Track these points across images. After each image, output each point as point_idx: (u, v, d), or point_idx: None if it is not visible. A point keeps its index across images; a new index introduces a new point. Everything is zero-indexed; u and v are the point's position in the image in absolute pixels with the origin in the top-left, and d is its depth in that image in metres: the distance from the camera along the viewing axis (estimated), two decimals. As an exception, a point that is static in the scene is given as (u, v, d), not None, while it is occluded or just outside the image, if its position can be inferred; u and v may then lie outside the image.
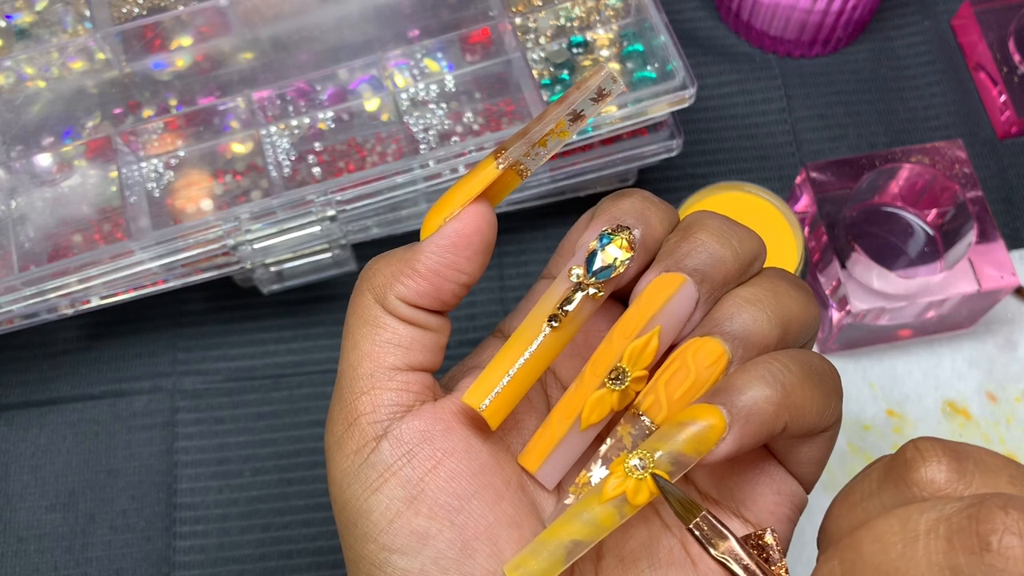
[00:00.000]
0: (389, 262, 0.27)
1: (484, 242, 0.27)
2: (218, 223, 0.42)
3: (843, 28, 0.52)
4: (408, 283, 0.26)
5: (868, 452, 0.45)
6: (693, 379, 0.25)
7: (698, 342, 0.26)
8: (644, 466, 0.24)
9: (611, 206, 0.28)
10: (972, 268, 0.43)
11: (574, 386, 0.27)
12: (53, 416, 0.47)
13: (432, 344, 0.27)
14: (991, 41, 0.52)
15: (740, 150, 0.52)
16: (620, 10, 0.46)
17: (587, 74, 0.27)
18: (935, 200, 0.45)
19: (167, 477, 0.46)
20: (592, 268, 0.26)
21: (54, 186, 0.44)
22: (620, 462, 0.24)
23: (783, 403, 0.24)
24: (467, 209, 0.26)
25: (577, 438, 0.27)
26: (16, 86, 0.46)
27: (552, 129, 0.26)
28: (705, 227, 0.27)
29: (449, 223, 0.26)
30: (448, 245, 0.26)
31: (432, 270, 0.26)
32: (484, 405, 0.26)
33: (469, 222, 0.26)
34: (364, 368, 0.27)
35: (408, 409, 0.26)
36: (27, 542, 0.45)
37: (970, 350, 0.47)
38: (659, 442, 0.24)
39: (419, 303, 0.27)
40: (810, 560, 0.43)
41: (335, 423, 0.27)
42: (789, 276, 0.28)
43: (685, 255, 0.26)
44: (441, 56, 0.46)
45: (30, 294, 0.42)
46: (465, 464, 0.26)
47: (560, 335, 0.26)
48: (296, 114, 0.45)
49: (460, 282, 0.27)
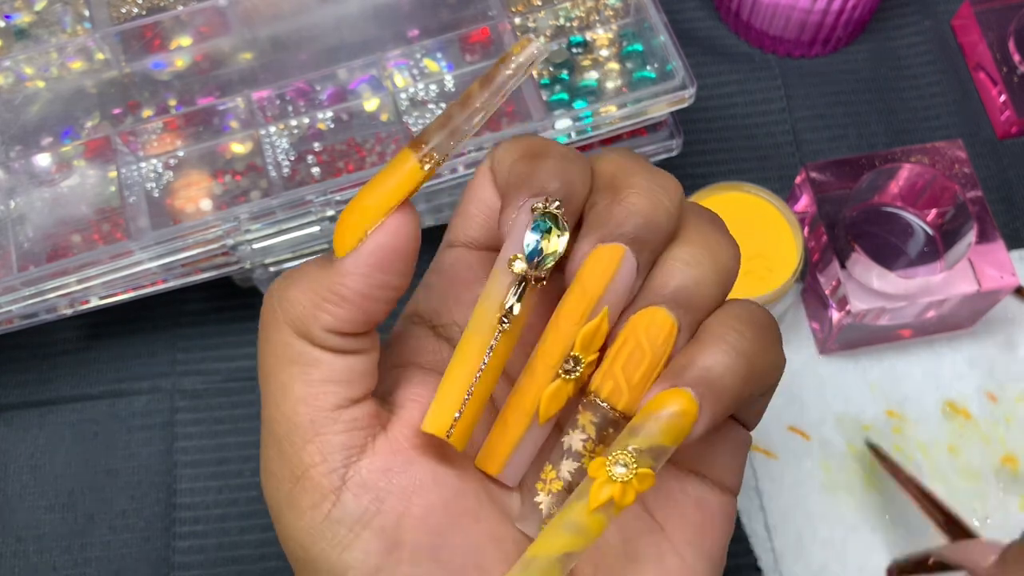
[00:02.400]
0: (307, 288, 0.24)
1: (413, 251, 0.24)
2: (217, 223, 0.42)
3: (843, 28, 0.52)
4: (335, 312, 0.23)
5: (868, 452, 0.45)
6: (649, 358, 0.24)
7: (647, 317, 0.24)
8: (628, 467, 0.23)
9: (529, 171, 0.25)
10: (972, 268, 0.43)
11: (525, 379, 0.25)
12: (52, 416, 0.47)
13: (369, 367, 0.25)
14: (991, 41, 0.52)
15: (740, 150, 0.52)
16: (619, 10, 0.46)
17: (513, 48, 0.24)
18: (935, 200, 0.45)
19: (166, 477, 0.46)
20: (533, 257, 0.24)
21: (53, 186, 0.44)
22: (600, 465, 0.23)
23: (747, 373, 0.23)
24: (392, 218, 0.23)
25: (536, 433, 0.25)
26: (15, 86, 0.46)
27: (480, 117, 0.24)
28: (633, 186, 0.24)
29: (373, 236, 0.23)
30: (375, 263, 0.23)
31: (360, 294, 0.23)
32: (450, 432, 0.24)
33: (396, 233, 0.23)
34: (302, 415, 0.24)
35: (362, 449, 0.24)
36: (26, 542, 0.45)
37: (970, 350, 0.47)
38: (634, 438, 0.23)
39: (350, 330, 0.24)
40: (810, 561, 0.43)
41: (278, 479, 0.24)
42: (714, 220, 0.26)
43: (619, 223, 0.24)
44: (440, 56, 0.46)
45: (29, 294, 0.42)
46: (436, 495, 0.24)
47: (512, 334, 0.24)
48: (295, 114, 0.45)
49: (391, 299, 0.24)
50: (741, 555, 0.43)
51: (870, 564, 0.43)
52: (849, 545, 0.43)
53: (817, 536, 0.43)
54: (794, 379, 0.46)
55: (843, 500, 0.44)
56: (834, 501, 0.44)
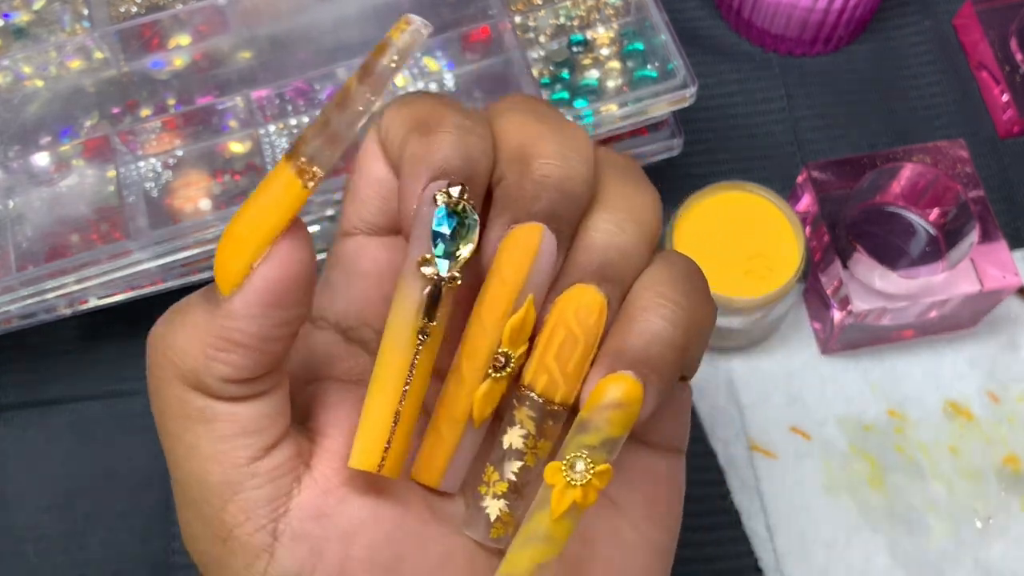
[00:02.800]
0: (193, 336, 0.21)
1: (310, 276, 0.21)
2: (217, 223, 0.42)
3: (844, 27, 0.52)
4: (231, 360, 0.20)
5: (869, 453, 0.45)
6: (583, 344, 0.22)
7: (575, 298, 0.22)
8: (586, 467, 0.21)
9: (424, 147, 0.22)
10: (974, 268, 0.43)
11: (452, 384, 0.22)
12: (51, 417, 0.47)
13: (280, 405, 0.22)
14: (993, 40, 0.52)
15: (741, 149, 0.52)
16: (620, 9, 0.46)
17: (390, 32, 0.21)
18: (937, 200, 0.45)
19: (165, 478, 0.45)
20: (443, 253, 0.21)
21: (52, 186, 0.44)
22: (556, 471, 0.21)
23: (685, 338, 0.22)
24: (278, 245, 0.20)
25: (471, 436, 0.23)
26: (14, 85, 0.46)
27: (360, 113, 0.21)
28: (542, 154, 0.22)
29: (259, 271, 0.20)
30: (268, 301, 0.20)
31: (257, 336, 0.20)
32: (381, 464, 0.21)
33: (286, 263, 0.20)
34: (215, 475, 0.21)
35: (288, 497, 0.22)
36: (24, 543, 0.44)
37: (972, 350, 0.47)
38: (584, 435, 0.21)
39: (251, 376, 0.21)
40: (812, 561, 0.43)
41: (202, 542, 0.22)
42: (630, 171, 0.24)
43: (532, 198, 0.22)
44: (440, 55, 0.46)
45: (28, 294, 0.41)
46: (377, 530, 0.22)
47: (432, 344, 0.22)
48: (295, 113, 0.45)
49: (293, 332, 0.21)
50: (742, 556, 0.43)
51: (872, 565, 0.43)
52: (851, 545, 0.43)
53: (819, 537, 0.43)
54: (795, 379, 0.46)
55: (845, 500, 0.44)
56: (835, 501, 0.44)
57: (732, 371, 0.47)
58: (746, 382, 0.46)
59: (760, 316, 0.43)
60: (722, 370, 0.47)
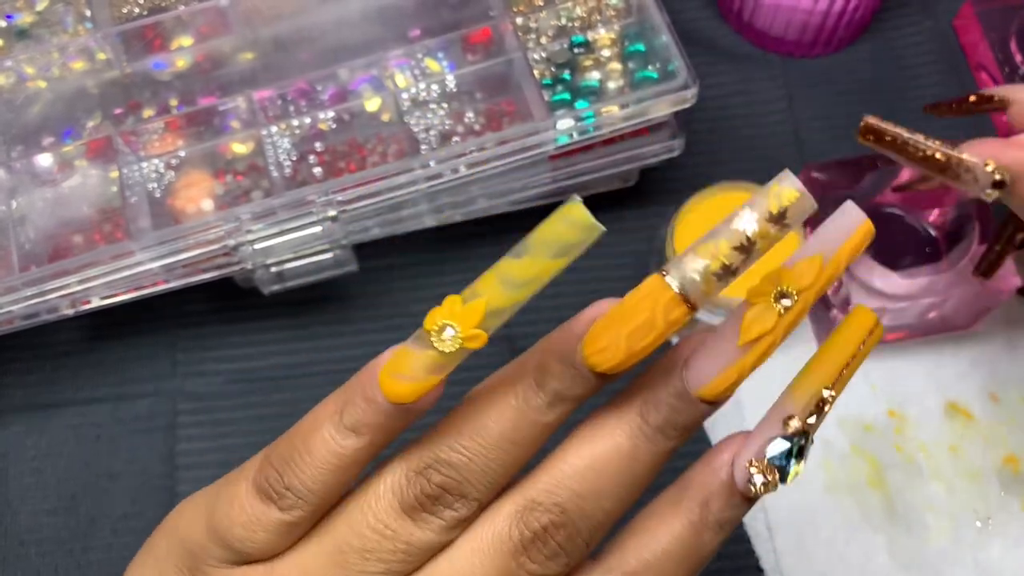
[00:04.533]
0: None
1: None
2: (219, 223, 0.42)
3: (844, 28, 0.52)
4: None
5: (870, 453, 0.45)
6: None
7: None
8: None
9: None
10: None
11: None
12: (54, 419, 0.47)
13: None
14: (992, 41, 0.52)
15: (742, 150, 0.52)
16: (621, 10, 0.46)
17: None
18: (937, 201, 0.45)
19: (168, 480, 0.46)
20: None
21: (54, 186, 0.44)
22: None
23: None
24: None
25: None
26: (17, 86, 0.46)
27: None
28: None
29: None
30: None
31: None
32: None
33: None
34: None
35: None
36: (28, 546, 0.45)
37: (972, 351, 0.47)
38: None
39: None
40: (812, 561, 0.43)
41: None
42: None
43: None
44: (442, 56, 0.46)
45: (30, 294, 0.42)
46: None
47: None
48: (297, 114, 0.45)
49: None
50: (742, 555, 0.43)
51: (872, 564, 0.43)
52: (851, 545, 0.43)
53: (819, 536, 0.43)
54: (796, 379, 0.47)
55: (845, 500, 0.44)
56: (836, 501, 0.44)
57: (733, 371, 0.47)
58: (746, 383, 0.46)
59: (761, 316, 0.43)
60: (723, 370, 0.47)
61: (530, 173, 0.45)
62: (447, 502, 0.23)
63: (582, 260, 0.51)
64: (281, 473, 0.24)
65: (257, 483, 0.24)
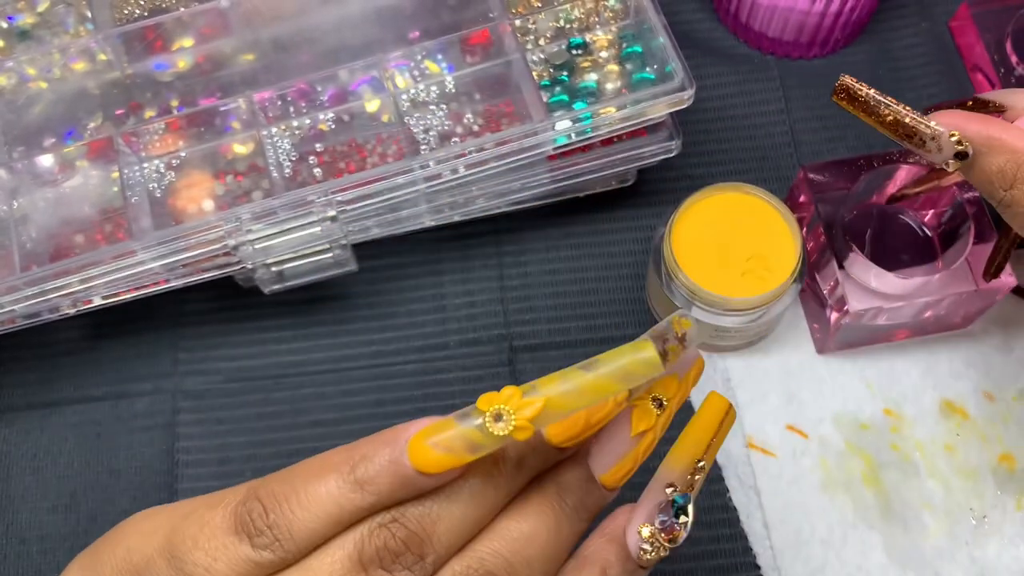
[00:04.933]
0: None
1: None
2: (219, 223, 0.42)
3: (841, 29, 0.53)
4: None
5: (865, 451, 0.45)
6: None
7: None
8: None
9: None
10: (969, 268, 0.43)
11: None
12: (55, 417, 0.47)
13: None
14: (988, 43, 0.52)
15: (738, 151, 0.52)
16: (619, 12, 0.46)
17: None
18: (932, 201, 0.45)
19: (168, 477, 0.46)
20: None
21: (56, 186, 0.44)
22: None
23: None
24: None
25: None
26: (18, 87, 0.46)
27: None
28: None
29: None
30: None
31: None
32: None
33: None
34: None
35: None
36: (29, 543, 0.45)
37: (967, 350, 0.47)
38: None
39: None
40: (809, 558, 0.43)
41: None
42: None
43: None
44: (441, 57, 0.46)
45: (32, 294, 0.42)
46: None
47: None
48: (297, 115, 0.45)
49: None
50: (739, 553, 0.44)
51: (868, 562, 0.43)
52: (847, 543, 0.44)
53: (815, 534, 0.44)
54: (792, 378, 0.47)
55: (841, 498, 0.44)
56: (832, 499, 0.44)
57: (729, 370, 0.47)
58: (743, 381, 0.47)
59: (757, 316, 0.43)
60: (720, 369, 0.47)
61: (529, 173, 0.45)
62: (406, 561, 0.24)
63: (580, 261, 0.52)
64: (268, 510, 0.24)
65: (237, 514, 0.24)
